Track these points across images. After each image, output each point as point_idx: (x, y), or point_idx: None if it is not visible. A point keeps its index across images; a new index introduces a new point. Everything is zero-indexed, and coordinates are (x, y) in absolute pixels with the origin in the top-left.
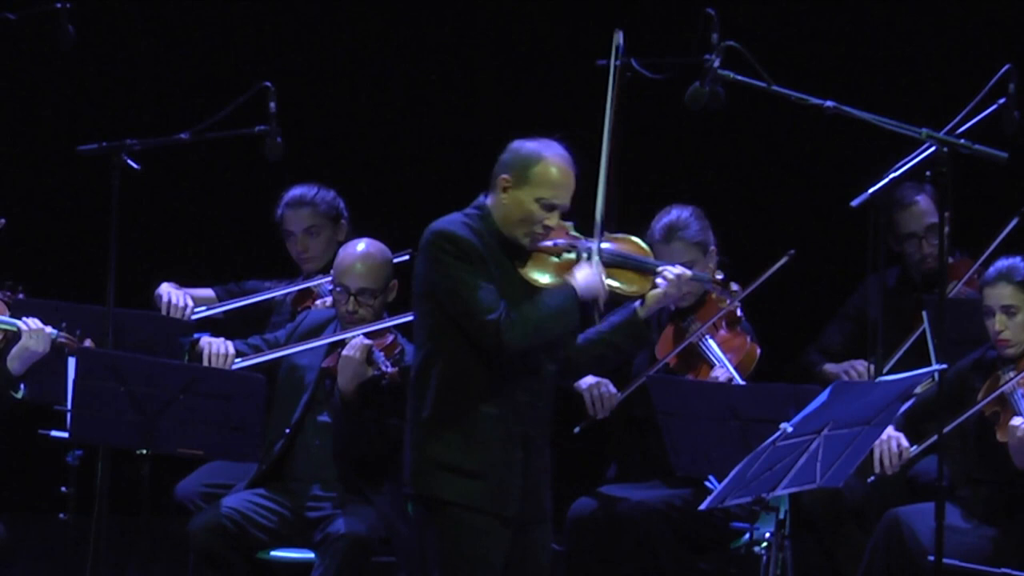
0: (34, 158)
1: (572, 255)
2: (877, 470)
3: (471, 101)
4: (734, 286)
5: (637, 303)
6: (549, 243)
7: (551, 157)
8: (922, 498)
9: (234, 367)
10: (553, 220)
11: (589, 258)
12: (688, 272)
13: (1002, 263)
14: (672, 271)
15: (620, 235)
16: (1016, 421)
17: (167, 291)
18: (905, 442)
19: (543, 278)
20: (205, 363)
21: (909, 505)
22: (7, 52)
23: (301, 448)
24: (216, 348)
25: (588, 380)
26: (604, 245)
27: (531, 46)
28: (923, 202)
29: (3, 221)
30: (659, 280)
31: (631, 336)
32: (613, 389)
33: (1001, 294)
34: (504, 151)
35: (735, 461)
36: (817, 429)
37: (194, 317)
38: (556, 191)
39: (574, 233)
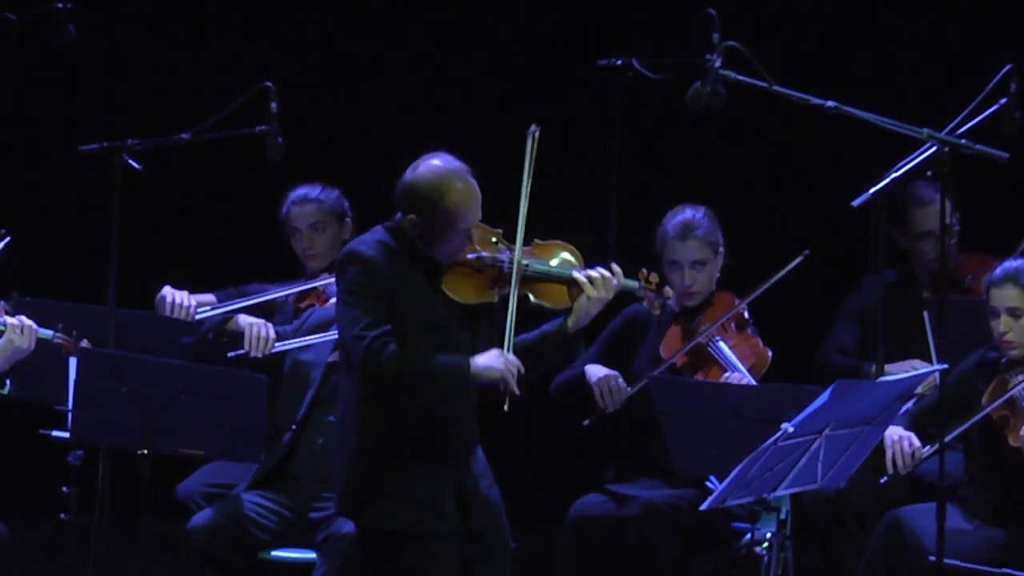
0: (34, 158)
1: (494, 268)
2: (890, 471)
3: (471, 101)
4: (667, 289)
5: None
6: (472, 256)
7: (450, 182)
8: (926, 498)
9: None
10: (474, 232)
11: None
12: (611, 276)
13: (1009, 264)
14: (596, 274)
15: (548, 242)
16: None
17: (170, 292)
18: (917, 442)
19: (462, 294)
20: (246, 344)
21: (910, 505)
22: (7, 52)
23: (304, 447)
24: (256, 331)
25: (598, 372)
26: (527, 260)
27: (532, 46)
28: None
29: (7, 239)
30: (584, 286)
31: (559, 347)
32: (623, 383)
33: (1007, 295)
34: (400, 190)
35: (736, 461)
36: (818, 429)
37: (197, 317)
38: (470, 216)
39: (498, 246)
